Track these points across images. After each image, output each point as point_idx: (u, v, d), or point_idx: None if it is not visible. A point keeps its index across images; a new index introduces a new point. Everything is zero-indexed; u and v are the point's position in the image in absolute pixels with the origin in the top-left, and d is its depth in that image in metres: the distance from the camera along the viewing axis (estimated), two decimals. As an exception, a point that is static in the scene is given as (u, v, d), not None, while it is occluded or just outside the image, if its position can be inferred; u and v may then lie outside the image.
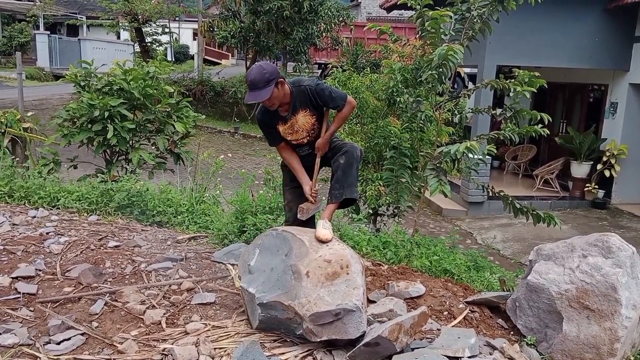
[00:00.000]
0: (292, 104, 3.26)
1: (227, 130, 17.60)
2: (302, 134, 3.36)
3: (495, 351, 2.91)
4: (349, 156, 3.25)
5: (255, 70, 3.10)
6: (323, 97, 3.25)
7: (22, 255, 3.75)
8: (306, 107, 3.29)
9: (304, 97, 3.26)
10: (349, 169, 3.25)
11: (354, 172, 3.29)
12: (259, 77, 3.06)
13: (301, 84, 3.28)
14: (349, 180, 3.26)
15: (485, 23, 4.52)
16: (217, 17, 19.89)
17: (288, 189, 3.62)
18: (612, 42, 10.40)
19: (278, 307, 2.80)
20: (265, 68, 3.11)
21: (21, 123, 7.43)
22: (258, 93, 3.08)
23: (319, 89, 3.25)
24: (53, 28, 28.11)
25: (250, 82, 3.10)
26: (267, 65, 3.17)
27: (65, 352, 2.65)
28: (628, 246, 3.08)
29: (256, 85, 3.07)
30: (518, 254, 8.25)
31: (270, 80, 3.07)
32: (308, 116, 3.31)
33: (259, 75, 3.07)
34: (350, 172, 3.26)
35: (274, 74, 3.10)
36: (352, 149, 3.28)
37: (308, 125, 3.33)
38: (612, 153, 10.52)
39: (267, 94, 3.07)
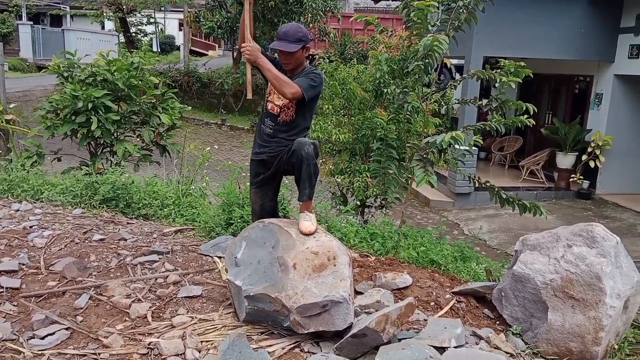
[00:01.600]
0: (296, 76, 3.21)
1: (214, 122, 17.48)
2: (278, 102, 3.26)
3: (482, 341, 2.93)
4: (297, 156, 3.11)
5: (292, 25, 3.19)
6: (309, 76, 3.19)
7: (5, 249, 3.69)
8: None
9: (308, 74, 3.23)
10: (300, 170, 3.13)
11: (305, 173, 3.13)
12: (293, 32, 3.15)
13: (315, 70, 3.32)
14: (301, 182, 3.17)
15: (471, 13, 4.51)
16: (204, 8, 19.66)
17: (252, 189, 3.54)
18: (597, 33, 10.47)
19: (265, 299, 2.79)
20: (301, 28, 3.20)
21: (3, 115, 7.29)
22: (286, 44, 3.14)
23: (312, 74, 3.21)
24: (36, 18, 27.63)
25: (282, 32, 3.15)
26: (304, 28, 3.24)
27: (50, 347, 2.62)
28: (612, 236, 3.11)
29: (287, 37, 3.14)
30: (504, 244, 8.32)
31: (301, 40, 3.15)
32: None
33: (293, 30, 3.15)
34: (301, 172, 3.14)
35: (306, 37, 3.19)
36: (299, 146, 3.11)
37: (286, 102, 3.23)
38: (597, 144, 10.63)
39: (293, 48, 3.13)
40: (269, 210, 3.54)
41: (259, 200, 3.50)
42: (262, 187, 3.47)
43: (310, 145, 3.12)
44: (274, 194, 3.59)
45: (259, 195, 3.50)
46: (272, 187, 3.54)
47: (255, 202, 3.54)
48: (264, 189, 3.48)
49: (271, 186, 3.52)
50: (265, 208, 3.53)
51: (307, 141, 3.15)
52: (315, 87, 3.21)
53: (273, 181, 3.50)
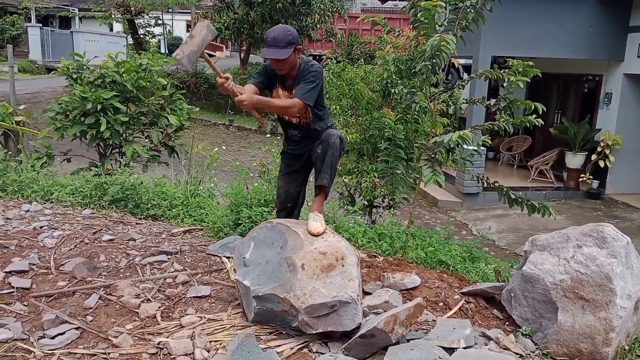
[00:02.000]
0: (296, 77, 3.23)
1: (222, 123, 17.53)
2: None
3: (491, 341, 2.92)
4: (324, 144, 3.20)
5: (280, 29, 3.09)
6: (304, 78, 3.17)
7: (16, 249, 3.72)
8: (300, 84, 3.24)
9: (302, 74, 3.22)
10: (323, 157, 3.21)
11: (327, 159, 3.21)
12: (282, 36, 3.05)
13: (309, 63, 3.28)
14: (323, 167, 3.23)
15: (479, 13, 4.50)
16: (211, 9, 19.74)
17: (281, 175, 3.63)
18: (606, 32, 10.40)
19: (273, 299, 2.79)
20: (289, 30, 3.11)
21: (13, 116, 7.36)
22: (276, 51, 3.05)
23: (312, 71, 3.19)
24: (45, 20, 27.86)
25: (271, 39, 3.06)
26: (292, 29, 3.15)
27: (60, 347, 2.63)
28: (622, 236, 3.09)
29: (277, 43, 3.04)
30: (513, 244, 8.28)
31: (291, 43, 3.06)
32: None
33: (282, 35, 3.05)
34: (324, 160, 3.21)
35: (296, 39, 3.10)
36: (328, 136, 3.21)
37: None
38: (606, 143, 10.55)
39: (285, 55, 3.05)
40: (294, 196, 3.57)
41: (285, 186, 3.54)
42: (292, 174, 3.52)
43: (337, 138, 3.22)
44: (302, 182, 3.61)
45: (286, 181, 3.54)
46: (301, 175, 3.59)
47: (282, 188, 3.58)
48: (293, 175, 3.53)
49: (301, 173, 3.58)
50: (290, 193, 3.55)
51: (336, 133, 3.25)
52: (315, 85, 3.17)
53: (303, 169, 3.57)
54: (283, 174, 3.59)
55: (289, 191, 3.55)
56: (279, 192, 3.62)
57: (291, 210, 3.59)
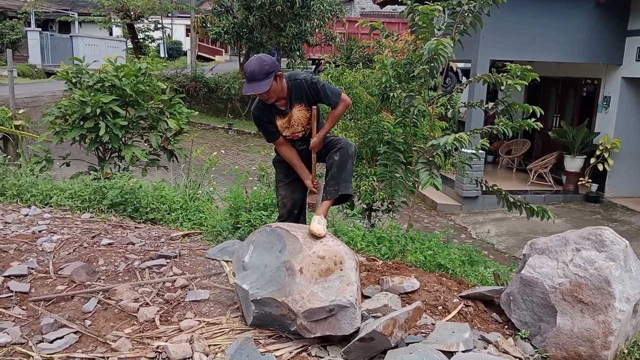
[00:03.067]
0: (289, 98, 3.24)
1: (221, 127, 17.54)
2: (298, 128, 3.35)
3: (490, 345, 2.91)
4: (343, 152, 3.24)
5: (255, 62, 3.05)
6: (318, 93, 3.23)
7: (15, 253, 3.72)
8: (302, 101, 3.26)
9: (299, 92, 3.23)
10: (343, 165, 3.24)
11: (349, 168, 3.27)
12: (258, 69, 3.01)
13: (297, 78, 3.25)
14: (343, 176, 3.24)
15: (477, 17, 4.51)
16: (210, 13, 19.79)
17: (282, 185, 3.60)
18: (604, 36, 10.43)
19: (272, 303, 2.79)
20: (265, 60, 3.06)
21: (13, 121, 7.38)
22: (257, 85, 3.02)
23: (315, 84, 3.23)
24: (45, 25, 27.88)
25: (249, 74, 3.03)
26: (267, 58, 3.11)
27: (59, 351, 2.63)
28: (621, 239, 3.09)
29: (255, 77, 3.01)
30: (512, 248, 8.28)
31: (269, 73, 3.03)
32: (303, 110, 3.29)
33: (258, 67, 3.01)
34: (345, 169, 3.25)
35: (274, 66, 3.06)
36: (347, 145, 3.27)
37: (304, 120, 3.32)
38: (605, 147, 10.56)
39: (266, 87, 3.02)
40: (300, 201, 3.58)
41: (290, 194, 3.53)
42: (294, 182, 3.52)
43: (354, 148, 3.33)
44: (305, 189, 3.60)
45: (290, 189, 3.54)
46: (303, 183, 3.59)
47: (286, 197, 3.56)
48: (296, 184, 3.52)
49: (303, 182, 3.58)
50: (296, 200, 3.56)
51: (352, 143, 3.35)
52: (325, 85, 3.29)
53: None
54: (284, 183, 3.56)
55: (295, 198, 3.54)
56: (283, 201, 3.59)
57: (298, 216, 3.58)
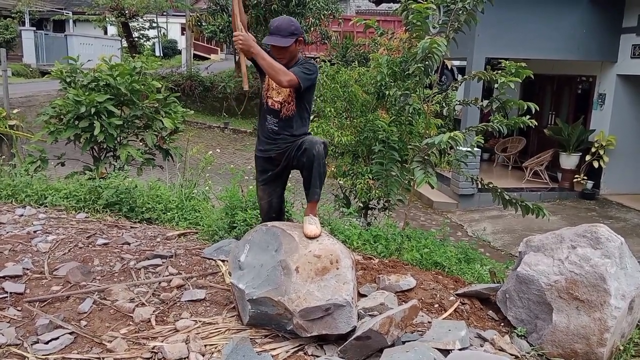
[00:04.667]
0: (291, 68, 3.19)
1: (217, 126, 17.51)
2: (279, 97, 3.25)
3: (486, 343, 2.92)
4: (308, 154, 3.11)
5: (283, 19, 3.16)
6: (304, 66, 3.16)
7: (9, 254, 3.70)
8: None
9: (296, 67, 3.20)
10: (310, 168, 3.13)
11: (315, 171, 3.14)
12: (285, 26, 3.12)
13: (309, 60, 3.31)
14: (312, 181, 3.16)
15: (471, 14, 4.51)
16: (205, 12, 19.74)
17: (259, 186, 3.54)
18: (599, 33, 10.45)
19: (268, 303, 2.79)
20: (293, 21, 3.17)
21: (7, 120, 7.34)
22: (278, 39, 3.10)
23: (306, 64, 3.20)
24: (39, 24, 27.76)
25: (274, 27, 3.11)
26: (295, 21, 3.21)
27: (54, 352, 2.62)
28: (616, 237, 3.10)
29: (280, 31, 3.10)
30: (508, 245, 8.30)
31: (294, 34, 3.12)
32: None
33: (285, 24, 3.12)
34: (312, 172, 3.14)
35: (299, 30, 3.16)
36: (311, 145, 3.12)
37: (286, 92, 3.22)
38: (600, 144, 10.60)
39: (286, 43, 3.10)
40: (277, 207, 3.54)
41: (267, 197, 3.49)
42: (270, 183, 3.46)
43: (321, 145, 3.15)
44: (282, 190, 3.57)
45: (267, 191, 3.49)
46: (280, 183, 3.53)
47: (263, 199, 3.52)
48: (272, 186, 3.47)
49: (279, 182, 3.51)
50: (273, 205, 3.52)
51: (318, 140, 3.18)
52: (311, 76, 3.18)
53: (281, 177, 3.50)
54: (262, 183, 3.49)
55: (271, 202, 3.49)
56: (260, 203, 3.56)
57: (277, 219, 3.52)
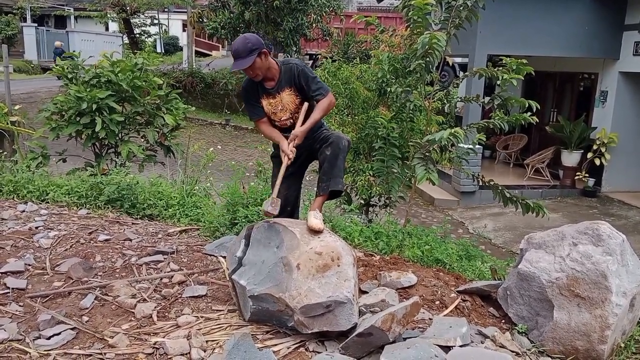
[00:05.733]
0: (279, 80, 3.32)
1: (218, 122, 17.50)
2: (286, 114, 3.36)
3: (487, 340, 2.92)
4: (334, 147, 3.22)
5: (239, 41, 3.21)
6: (306, 78, 3.28)
7: (11, 250, 3.71)
8: (291, 85, 3.32)
9: (289, 75, 3.31)
10: (334, 161, 3.23)
11: (340, 163, 3.25)
12: (242, 47, 3.17)
13: (289, 62, 3.37)
14: (334, 172, 3.23)
15: (472, 11, 4.50)
16: (207, 8, 19.70)
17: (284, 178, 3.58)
18: (601, 30, 10.42)
19: (269, 299, 2.79)
20: (248, 38, 3.21)
21: (8, 117, 7.33)
22: (241, 62, 3.17)
23: (304, 69, 3.31)
24: (40, 20, 27.77)
25: (234, 52, 3.20)
26: (251, 36, 3.26)
27: (56, 347, 2.63)
28: (618, 234, 3.10)
29: (239, 54, 3.17)
30: (509, 242, 8.30)
31: (253, 50, 3.16)
32: (292, 95, 3.33)
33: (242, 45, 3.17)
34: (336, 164, 3.23)
35: (257, 44, 3.19)
36: (338, 139, 3.24)
37: (292, 106, 3.34)
38: (602, 141, 10.58)
39: (249, 62, 3.16)
40: (293, 201, 3.58)
41: (284, 191, 3.50)
42: (289, 178, 3.48)
43: (346, 141, 3.28)
44: (299, 184, 3.63)
45: (284, 185, 3.49)
46: (298, 179, 3.61)
47: (280, 193, 3.52)
48: (290, 180, 3.50)
49: (298, 178, 3.59)
50: (290, 199, 3.55)
51: (344, 137, 3.30)
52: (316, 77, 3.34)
53: (299, 174, 3.59)
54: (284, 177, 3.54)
55: (287, 195, 3.51)
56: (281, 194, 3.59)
57: (291, 214, 3.56)
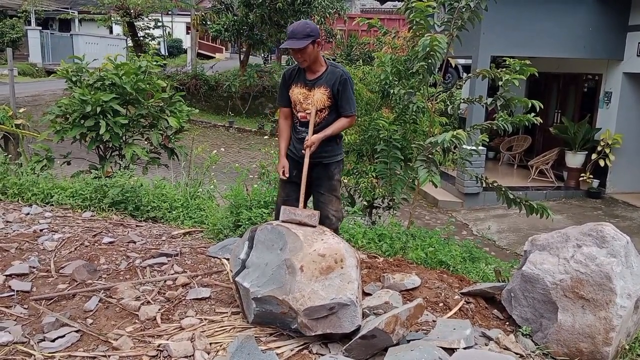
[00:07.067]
0: (320, 76, 3.37)
1: (222, 125, 17.51)
2: (312, 108, 3.39)
3: (491, 342, 2.91)
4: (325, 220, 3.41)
5: (299, 23, 3.29)
6: (345, 90, 3.36)
7: (16, 252, 3.73)
8: (328, 87, 3.36)
9: (333, 77, 3.36)
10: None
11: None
12: (300, 29, 3.24)
13: (338, 67, 3.43)
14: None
15: (475, 12, 4.50)
16: (210, 11, 19.74)
17: (282, 184, 3.60)
18: (605, 31, 10.39)
19: (272, 301, 2.79)
20: (308, 24, 3.30)
21: (13, 120, 7.36)
22: (294, 42, 3.24)
23: (347, 80, 3.37)
24: (45, 23, 27.86)
25: (290, 32, 3.26)
26: (311, 23, 3.34)
27: (60, 350, 2.64)
28: (622, 235, 3.09)
29: (295, 35, 3.23)
30: (513, 244, 8.27)
31: (309, 35, 3.24)
32: (325, 96, 3.37)
33: (300, 27, 3.25)
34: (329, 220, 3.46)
35: (315, 32, 3.27)
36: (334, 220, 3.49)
37: (320, 103, 3.37)
38: (606, 143, 10.53)
39: (302, 44, 3.22)
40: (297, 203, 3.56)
41: (286, 196, 3.55)
42: (293, 184, 3.52)
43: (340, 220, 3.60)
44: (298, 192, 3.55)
45: (287, 190, 3.57)
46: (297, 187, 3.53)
47: (280, 195, 3.60)
48: (294, 187, 3.51)
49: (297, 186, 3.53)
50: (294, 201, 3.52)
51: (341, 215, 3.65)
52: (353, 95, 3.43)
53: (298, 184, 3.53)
54: (284, 182, 3.57)
55: (292, 200, 3.51)
56: (277, 200, 3.62)
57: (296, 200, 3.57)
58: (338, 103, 3.39)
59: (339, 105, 3.39)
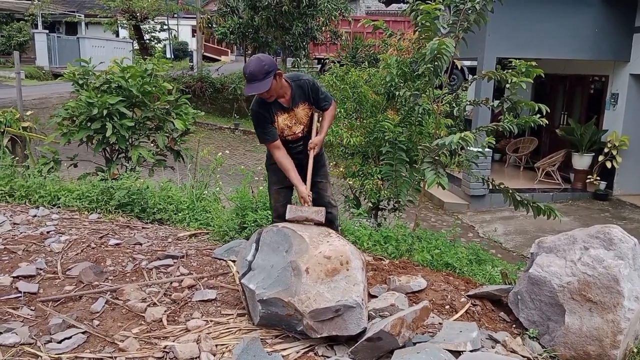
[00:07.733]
0: (292, 96, 3.35)
1: (227, 127, 17.56)
2: (300, 127, 3.45)
3: (498, 344, 2.90)
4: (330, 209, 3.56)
5: (254, 63, 3.14)
6: (317, 94, 3.41)
7: (23, 254, 3.74)
8: (305, 100, 3.39)
9: (302, 91, 3.36)
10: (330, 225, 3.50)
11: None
12: (257, 69, 3.11)
13: (300, 79, 3.39)
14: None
15: (480, 14, 4.49)
16: (216, 14, 19.82)
17: (276, 189, 3.62)
18: (612, 32, 10.34)
19: (278, 303, 2.79)
20: (263, 60, 3.16)
21: (20, 122, 7.42)
22: (257, 85, 3.12)
23: (315, 84, 3.41)
24: (52, 27, 28.04)
25: (249, 74, 3.13)
26: (265, 58, 3.22)
27: (67, 351, 2.65)
28: (630, 238, 3.07)
29: (255, 77, 3.11)
30: (520, 246, 8.24)
31: (269, 72, 3.13)
32: (306, 109, 3.42)
33: (257, 67, 3.11)
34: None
35: (272, 65, 3.16)
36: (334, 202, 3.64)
37: (305, 118, 3.44)
38: (613, 144, 10.47)
39: (266, 86, 3.12)
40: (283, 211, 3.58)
41: (283, 200, 3.58)
42: (288, 189, 3.55)
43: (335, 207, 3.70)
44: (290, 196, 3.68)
45: (282, 194, 3.60)
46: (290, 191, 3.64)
47: (279, 201, 3.61)
48: (290, 190, 3.56)
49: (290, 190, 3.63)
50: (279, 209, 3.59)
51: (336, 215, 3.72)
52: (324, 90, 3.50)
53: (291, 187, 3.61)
54: (278, 187, 3.60)
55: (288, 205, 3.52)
56: (276, 206, 3.64)
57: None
58: (317, 105, 3.47)
59: (318, 106, 3.47)
